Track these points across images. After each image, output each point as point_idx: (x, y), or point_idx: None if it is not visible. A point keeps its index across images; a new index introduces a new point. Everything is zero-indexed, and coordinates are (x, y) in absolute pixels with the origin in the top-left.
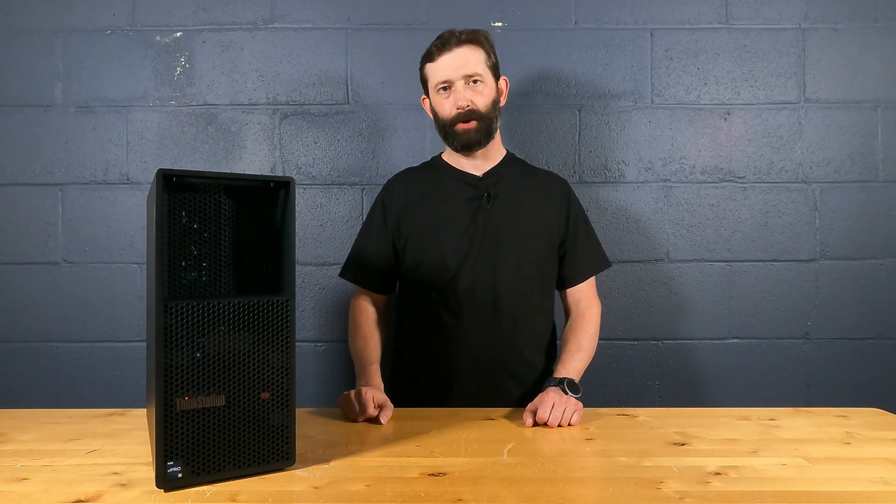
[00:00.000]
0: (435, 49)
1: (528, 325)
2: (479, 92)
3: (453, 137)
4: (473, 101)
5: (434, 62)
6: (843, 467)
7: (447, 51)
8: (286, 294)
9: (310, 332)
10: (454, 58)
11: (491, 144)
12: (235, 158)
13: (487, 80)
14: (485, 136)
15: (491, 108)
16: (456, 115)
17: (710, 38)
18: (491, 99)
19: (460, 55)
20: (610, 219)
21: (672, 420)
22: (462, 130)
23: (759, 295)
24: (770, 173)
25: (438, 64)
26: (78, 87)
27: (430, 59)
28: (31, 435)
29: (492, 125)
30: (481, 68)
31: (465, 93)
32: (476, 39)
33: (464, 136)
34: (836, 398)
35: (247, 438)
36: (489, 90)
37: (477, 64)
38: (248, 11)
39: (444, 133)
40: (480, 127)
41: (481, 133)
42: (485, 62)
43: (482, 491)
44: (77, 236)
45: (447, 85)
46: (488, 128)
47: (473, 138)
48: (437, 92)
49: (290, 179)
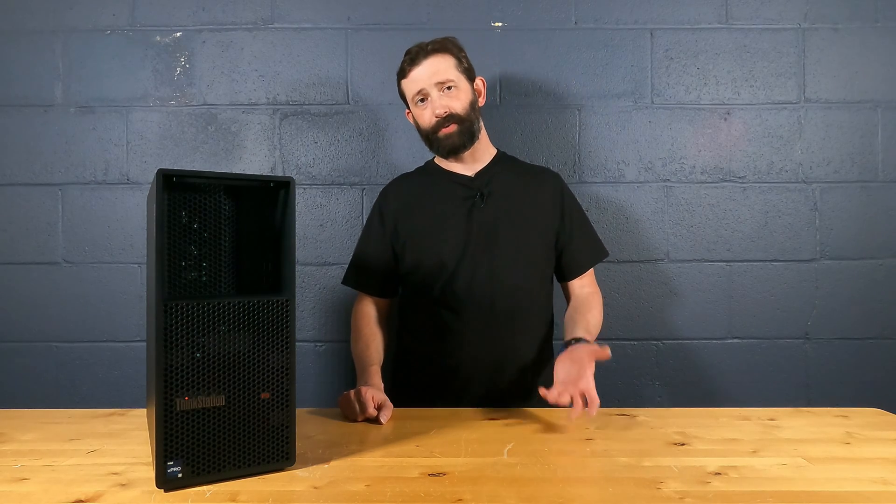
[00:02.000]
0: (406, 65)
1: (527, 320)
2: (455, 97)
3: (437, 144)
4: (450, 106)
5: (407, 77)
6: (843, 467)
7: (417, 64)
8: (286, 294)
9: (310, 332)
10: (424, 69)
11: (477, 145)
12: (235, 158)
13: (461, 84)
14: (468, 139)
15: (469, 110)
16: (436, 122)
17: (710, 38)
18: (468, 101)
19: (430, 65)
20: (610, 219)
21: (672, 420)
22: (444, 136)
23: (759, 295)
24: (770, 173)
25: (411, 77)
26: (78, 87)
27: (403, 75)
28: (31, 435)
29: (472, 126)
30: (453, 74)
31: (441, 100)
32: (444, 48)
33: (446, 140)
34: (836, 398)
35: (247, 438)
36: (464, 93)
37: (448, 70)
38: (248, 11)
39: (429, 142)
40: (462, 129)
41: (464, 136)
42: (455, 67)
43: (482, 491)
44: (77, 236)
45: (423, 96)
46: (469, 129)
47: (457, 141)
48: (416, 104)
49: (290, 179)
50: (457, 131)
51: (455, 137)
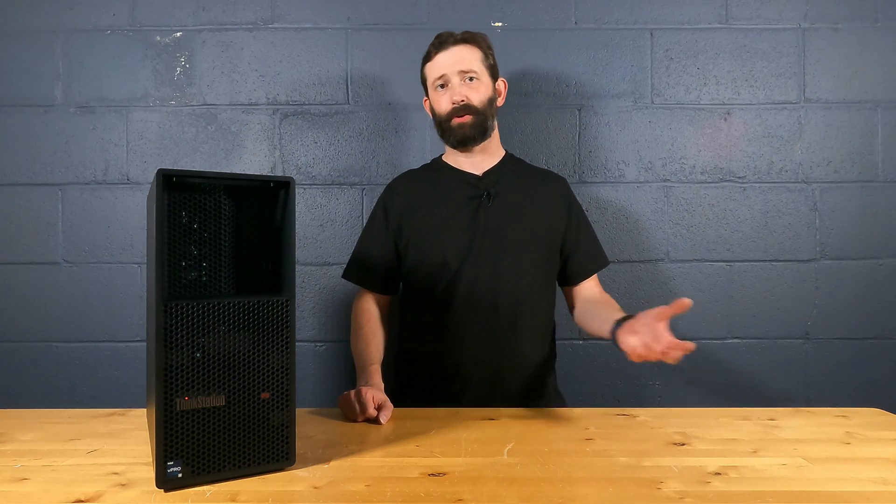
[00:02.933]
0: (433, 48)
1: (529, 322)
2: (475, 88)
3: (449, 133)
4: (469, 97)
5: (432, 61)
6: (843, 467)
7: (443, 49)
8: (286, 294)
9: (310, 332)
10: (450, 55)
11: (489, 143)
12: (235, 158)
13: (483, 78)
14: (479, 132)
15: (486, 104)
16: (451, 109)
17: (710, 38)
18: (487, 96)
19: (456, 53)
20: (610, 219)
21: (672, 420)
22: (457, 125)
23: (759, 295)
24: (770, 173)
25: (435, 61)
26: (78, 87)
27: (428, 58)
28: (31, 435)
29: (486, 122)
30: (477, 66)
31: (461, 88)
32: (473, 39)
33: (458, 130)
34: (836, 398)
35: (247, 438)
36: (485, 88)
37: (472, 61)
38: (248, 11)
39: (441, 129)
40: (475, 122)
41: (476, 128)
42: (481, 61)
43: (482, 491)
44: (77, 236)
45: (444, 82)
46: (483, 124)
47: (468, 133)
48: (435, 89)
49: (290, 179)
50: (470, 123)
51: (467, 129)
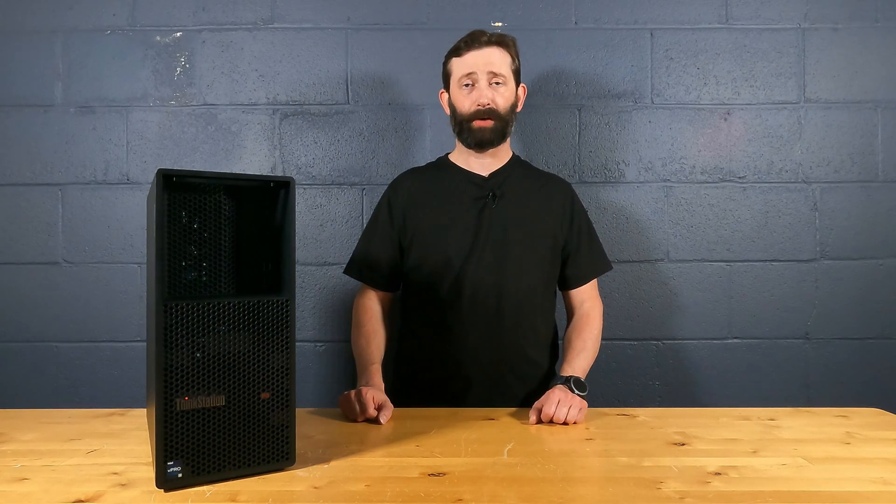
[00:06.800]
0: (463, 44)
1: (531, 324)
2: (501, 93)
3: (468, 133)
4: (495, 101)
5: (461, 57)
6: (843, 467)
7: (475, 48)
8: (286, 294)
9: (310, 332)
10: (481, 55)
11: (502, 146)
12: (235, 158)
13: (509, 84)
14: (499, 137)
15: (509, 111)
16: (475, 111)
17: (710, 38)
18: (510, 102)
19: (487, 54)
20: (610, 219)
21: (672, 420)
22: (478, 127)
23: (759, 295)
24: (770, 173)
25: (465, 59)
26: (78, 87)
27: (457, 53)
28: (31, 435)
29: (507, 127)
30: (506, 70)
31: (488, 91)
32: (504, 42)
33: (479, 133)
34: (836, 398)
35: (247, 438)
36: (510, 93)
37: (502, 65)
38: (248, 11)
39: (460, 128)
40: (496, 127)
41: (496, 133)
42: (509, 65)
43: (482, 491)
44: (77, 236)
45: (471, 80)
46: (503, 129)
47: (488, 137)
48: (460, 87)
49: (290, 179)
50: (491, 127)
51: (488, 133)
